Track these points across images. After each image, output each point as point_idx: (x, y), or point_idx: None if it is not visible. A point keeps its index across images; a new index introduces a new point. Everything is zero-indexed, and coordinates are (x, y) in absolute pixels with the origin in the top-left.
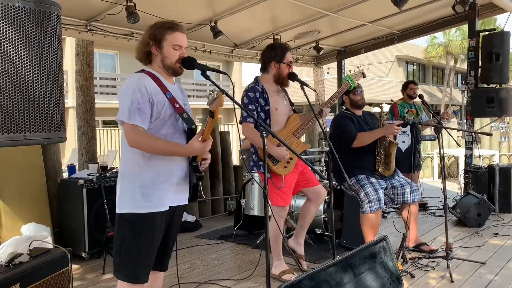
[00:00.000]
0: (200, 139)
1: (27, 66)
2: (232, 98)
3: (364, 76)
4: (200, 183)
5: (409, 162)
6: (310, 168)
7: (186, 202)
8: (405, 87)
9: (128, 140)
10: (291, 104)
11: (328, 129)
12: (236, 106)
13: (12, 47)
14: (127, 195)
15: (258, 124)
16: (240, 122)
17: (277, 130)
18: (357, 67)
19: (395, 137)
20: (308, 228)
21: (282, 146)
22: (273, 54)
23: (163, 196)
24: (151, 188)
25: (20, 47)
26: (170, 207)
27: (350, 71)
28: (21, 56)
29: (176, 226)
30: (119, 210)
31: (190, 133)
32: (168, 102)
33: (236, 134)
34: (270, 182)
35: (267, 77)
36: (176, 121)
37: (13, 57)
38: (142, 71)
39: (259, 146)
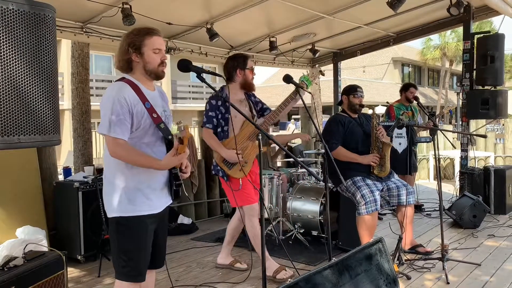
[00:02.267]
0: (173, 154)
1: (21, 69)
2: (228, 101)
3: (322, 74)
4: (182, 185)
5: (406, 164)
6: (307, 171)
7: (169, 203)
8: (405, 89)
9: (110, 152)
10: (253, 110)
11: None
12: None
13: (6, 50)
14: (114, 200)
15: (218, 130)
16: (202, 127)
17: (233, 135)
18: (316, 65)
19: (391, 139)
20: (304, 230)
21: (233, 147)
22: (236, 63)
23: (148, 201)
24: (134, 193)
25: (14, 49)
26: (157, 212)
27: (307, 72)
28: (15, 58)
29: (164, 226)
30: (109, 214)
31: (167, 143)
32: (146, 112)
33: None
34: (229, 184)
35: (234, 85)
36: (157, 130)
37: (7, 59)
38: (123, 79)
39: (215, 149)
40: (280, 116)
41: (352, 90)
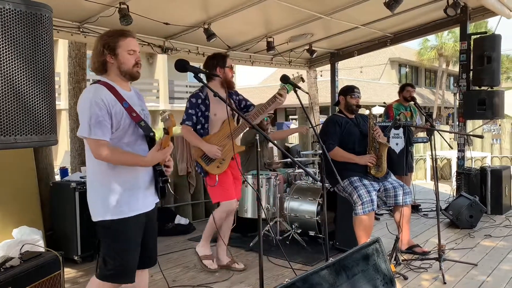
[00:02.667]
0: (158, 150)
1: (17, 68)
2: (225, 101)
3: (303, 80)
4: (167, 182)
5: (403, 164)
6: (304, 171)
7: (157, 201)
8: (402, 89)
9: (94, 154)
10: (235, 109)
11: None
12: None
13: (2, 50)
14: (99, 203)
15: (197, 127)
16: (181, 124)
17: (213, 133)
18: (296, 72)
19: (388, 140)
20: (302, 230)
21: (214, 144)
22: (216, 62)
23: (133, 201)
24: (119, 195)
25: (11, 49)
26: (145, 212)
27: (292, 75)
28: (11, 58)
29: (153, 226)
30: (94, 218)
31: (149, 140)
32: (125, 111)
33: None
34: (205, 180)
35: (215, 83)
36: (137, 129)
37: (3, 59)
38: (98, 81)
39: (195, 145)
40: (264, 114)
41: (349, 90)
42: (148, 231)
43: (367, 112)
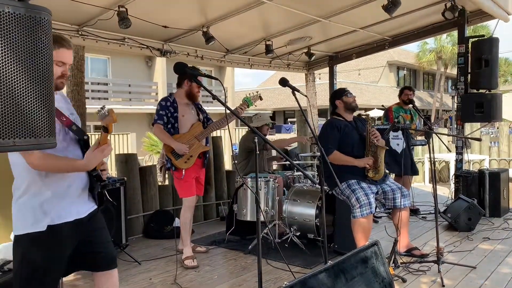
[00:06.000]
0: (94, 149)
1: (16, 71)
2: (223, 104)
3: (261, 99)
4: (104, 189)
5: (406, 164)
6: (303, 174)
7: (94, 208)
8: (401, 92)
9: (29, 164)
10: (200, 115)
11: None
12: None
13: (1, 53)
14: (28, 215)
15: (168, 127)
16: (152, 124)
17: (182, 132)
18: (256, 91)
19: (388, 142)
20: (300, 233)
21: (183, 142)
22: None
23: (65, 209)
24: (51, 204)
25: (10, 52)
26: (78, 219)
27: (249, 94)
28: (10, 61)
29: (98, 231)
30: (18, 232)
31: (83, 144)
32: None
33: (228, 139)
34: (174, 173)
35: (181, 91)
36: (67, 134)
37: (2, 63)
38: None
39: (166, 142)
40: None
41: (342, 91)
42: (87, 239)
43: (364, 113)
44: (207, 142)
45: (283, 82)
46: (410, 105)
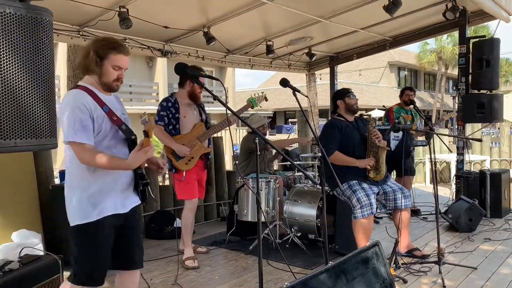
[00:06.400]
0: (138, 150)
1: (17, 72)
2: (224, 104)
3: (266, 99)
4: (148, 185)
5: (405, 163)
6: (304, 174)
7: (137, 203)
8: (402, 93)
9: (79, 159)
10: (203, 115)
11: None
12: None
13: (3, 53)
14: (77, 208)
15: (169, 128)
16: None
17: (184, 133)
18: (261, 92)
19: (389, 143)
20: (301, 233)
21: (184, 143)
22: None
23: (111, 204)
24: (98, 198)
25: (11, 53)
26: (122, 213)
27: (254, 95)
28: (12, 62)
29: (133, 227)
30: (72, 223)
31: (131, 143)
32: (106, 116)
33: (229, 140)
34: (174, 176)
35: (183, 91)
36: (117, 132)
37: (3, 63)
38: (77, 86)
39: (166, 144)
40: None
41: (345, 92)
42: (125, 233)
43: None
44: (209, 143)
45: (284, 82)
46: (411, 106)
